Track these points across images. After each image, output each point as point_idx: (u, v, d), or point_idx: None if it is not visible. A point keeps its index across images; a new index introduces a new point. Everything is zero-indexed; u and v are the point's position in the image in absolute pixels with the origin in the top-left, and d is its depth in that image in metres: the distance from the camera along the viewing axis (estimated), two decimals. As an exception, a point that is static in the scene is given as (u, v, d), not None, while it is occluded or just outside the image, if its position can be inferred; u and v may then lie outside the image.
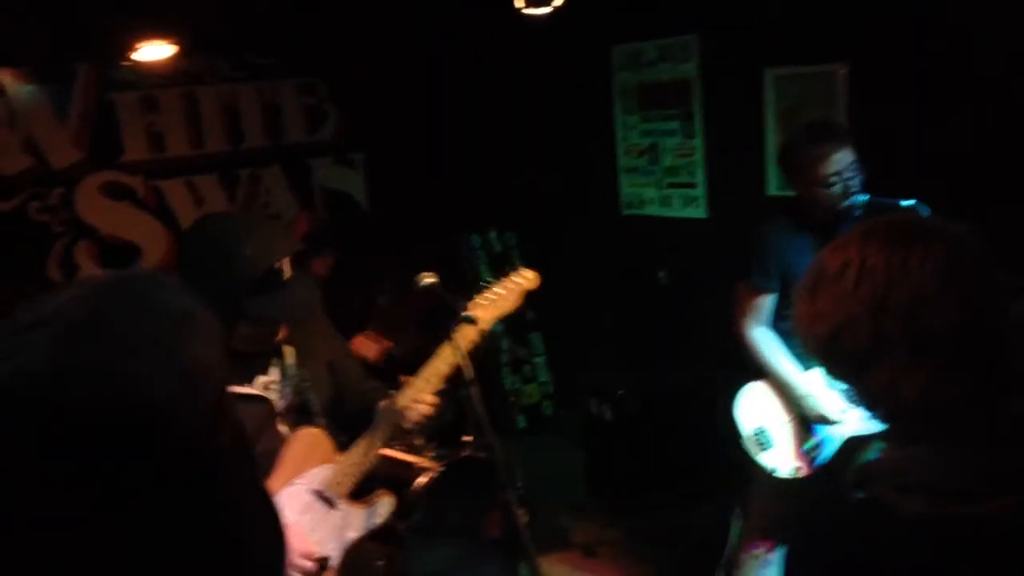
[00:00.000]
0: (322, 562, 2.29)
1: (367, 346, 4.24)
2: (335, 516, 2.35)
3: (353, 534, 2.39)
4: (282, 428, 2.35)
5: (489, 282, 2.55)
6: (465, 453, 3.90)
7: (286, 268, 2.19)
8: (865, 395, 1.23)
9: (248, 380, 2.31)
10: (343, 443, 2.41)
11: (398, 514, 3.50)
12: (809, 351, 1.26)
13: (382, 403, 2.41)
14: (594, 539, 4.25)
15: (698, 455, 4.49)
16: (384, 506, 2.48)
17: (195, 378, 0.74)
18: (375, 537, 2.55)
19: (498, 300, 2.50)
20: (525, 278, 2.58)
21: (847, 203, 2.94)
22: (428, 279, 2.34)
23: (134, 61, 4.33)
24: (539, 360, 5.63)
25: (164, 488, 0.72)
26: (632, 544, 4.20)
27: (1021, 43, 3.33)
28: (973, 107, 3.52)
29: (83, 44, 4.31)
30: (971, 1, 3.46)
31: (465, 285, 5.59)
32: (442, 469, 3.73)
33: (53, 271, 4.48)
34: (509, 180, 5.46)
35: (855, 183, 2.94)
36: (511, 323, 5.32)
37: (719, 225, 4.79)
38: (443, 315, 2.30)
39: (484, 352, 3.74)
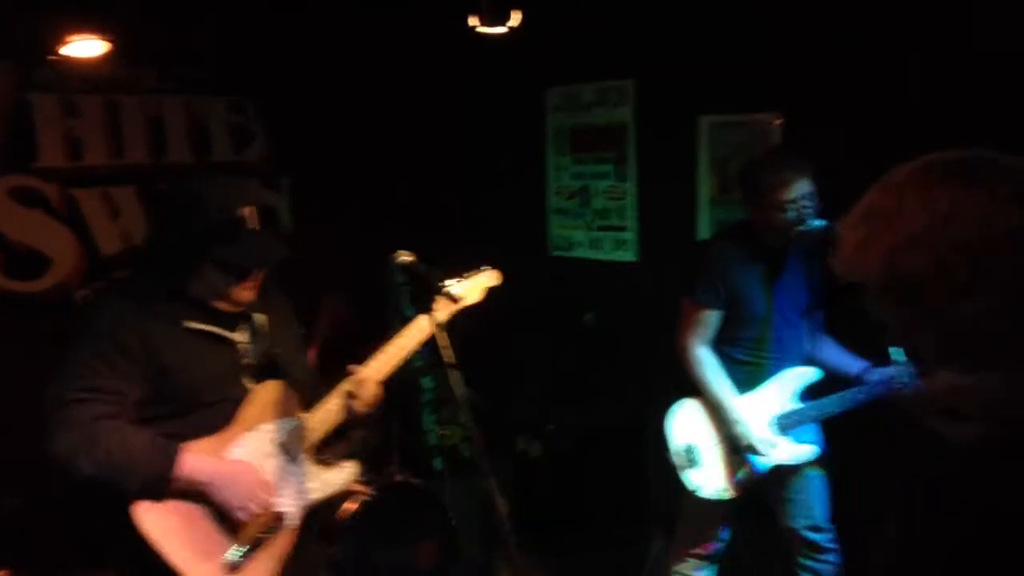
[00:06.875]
0: (280, 518, 2.27)
1: None
2: (296, 471, 2.33)
3: (312, 494, 2.35)
4: (247, 383, 2.34)
5: (456, 280, 2.63)
6: (398, 478, 3.74)
7: (251, 220, 2.22)
8: (937, 327, 1.19)
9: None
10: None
11: (326, 539, 3.34)
12: (872, 281, 1.22)
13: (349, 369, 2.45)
14: (519, 580, 4.11)
15: (626, 496, 4.44)
16: (345, 471, 2.44)
17: None
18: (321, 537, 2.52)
19: (463, 294, 2.64)
20: (488, 275, 2.74)
21: (800, 229, 3.04)
22: (404, 257, 2.32)
23: (56, 61, 4.12)
24: (459, 401, 5.49)
25: None
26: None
27: (954, 92, 3.50)
28: (907, 157, 3.66)
29: (2, 40, 4.08)
30: (905, 52, 3.63)
31: (389, 313, 5.43)
32: (373, 494, 3.57)
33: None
34: (436, 210, 5.39)
35: (809, 212, 3.06)
36: (431, 362, 5.21)
37: (649, 268, 4.83)
38: (421, 292, 2.30)
39: (402, 390, 3.67)
